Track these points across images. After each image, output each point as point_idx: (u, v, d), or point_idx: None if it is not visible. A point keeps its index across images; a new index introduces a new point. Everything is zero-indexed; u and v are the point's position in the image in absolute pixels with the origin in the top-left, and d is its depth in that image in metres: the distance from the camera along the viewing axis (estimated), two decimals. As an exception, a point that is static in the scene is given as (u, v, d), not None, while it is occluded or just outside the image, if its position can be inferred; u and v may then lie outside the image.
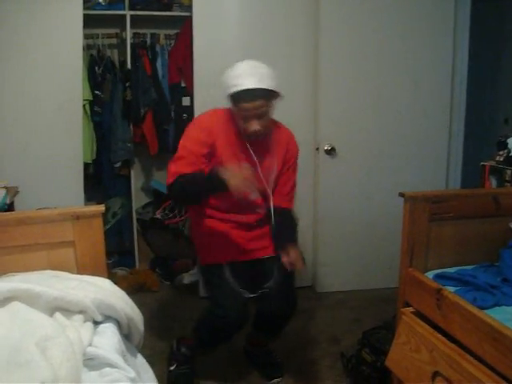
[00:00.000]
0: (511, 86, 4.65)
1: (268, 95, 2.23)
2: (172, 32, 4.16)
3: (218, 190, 2.21)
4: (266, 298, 2.49)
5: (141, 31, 4.07)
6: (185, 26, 3.88)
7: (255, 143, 2.43)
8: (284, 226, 2.53)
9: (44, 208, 2.51)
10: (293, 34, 3.64)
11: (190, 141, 2.39)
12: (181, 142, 2.43)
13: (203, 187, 2.30)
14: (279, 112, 3.19)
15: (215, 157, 2.38)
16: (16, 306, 1.46)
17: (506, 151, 3.07)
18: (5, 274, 1.78)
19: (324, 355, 3.00)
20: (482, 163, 3.20)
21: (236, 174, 2.11)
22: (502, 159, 3.08)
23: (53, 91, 3.38)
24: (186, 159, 2.35)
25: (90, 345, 1.47)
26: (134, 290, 3.63)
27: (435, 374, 1.84)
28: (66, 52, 3.38)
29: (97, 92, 3.86)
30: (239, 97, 2.21)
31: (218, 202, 2.49)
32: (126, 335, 1.77)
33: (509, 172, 2.97)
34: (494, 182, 3.09)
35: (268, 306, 2.57)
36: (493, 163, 3.15)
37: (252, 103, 2.20)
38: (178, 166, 2.35)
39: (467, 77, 3.92)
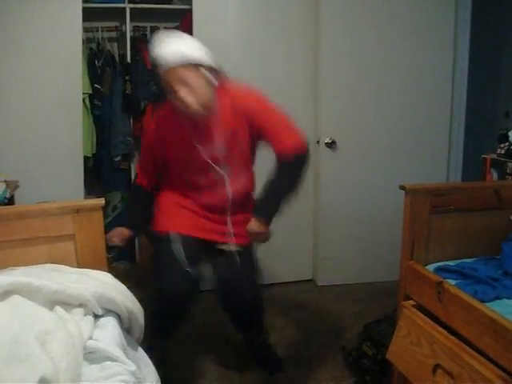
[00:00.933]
0: (512, 80, 4.64)
1: (189, 65, 2.15)
2: (172, 25, 4.14)
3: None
4: (224, 293, 2.47)
5: (140, 24, 4.06)
6: (185, 19, 3.86)
7: (198, 126, 2.32)
8: (266, 192, 2.38)
9: (44, 202, 2.51)
10: (293, 28, 3.64)
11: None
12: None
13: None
14: (279, 105, 3.20)
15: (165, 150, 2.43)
16: (16, 299, 1.46)
17: (507, 144, 3.07)
18: (5, 267, 1.78)
19: (325, 348, 3.00)
20: (483, 156, 3.20)
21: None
22: (503, 152, 3.08)
23: (52, 85, 3.37)
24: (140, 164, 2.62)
25: (91, 338, 1.47)
26: (134, 284, 3.61)
27: (436, 367, 1.84)
28: (65, 45, 3.38)
29: (96, 85, 3.85)
30: (163, 73, 2.17)
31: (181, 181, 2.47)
32: (127, 329, 1.77)
33: (510, 165, 2.97)
34: (495, 175, 3.09)
35: (227, 303, 2.54)
36: (494, 156, 3.14)
37: (174, 71, 2.14)
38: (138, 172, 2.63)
39: (468, 70, 3.91)
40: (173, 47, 2.14)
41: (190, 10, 3.55)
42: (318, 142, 3.69)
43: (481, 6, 4.02)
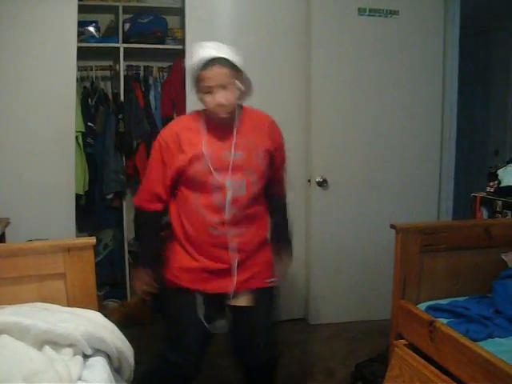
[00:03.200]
0: (501, 118, 4.71)
1: (230, 66, 2.13)
2: (165, 65, 4.20)
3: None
4: (238, 352, 2.36)
5: (134, 64, 4.10)
6: (178, 58, 3.91)
7: (219, 132, 2.24)
8: (277, 223, 2.37)
9: (35, 239, 2.50)
10: (285, 65, 3.68)
11: (151, 163, 2.31)
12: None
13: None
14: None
15: (184, 154, 2.19)
16: (4, 339, 1.44)
17: (496, 182, 3.09)
18: (-5, 306, 1.76)
19: (317, 389, 2.97)
20: (472, 194, 3.22)
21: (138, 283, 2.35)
22: (492, 190, 3.10)
23: (46, 122, 3.38)
24: (147, 187, 2.30)
25: (80, 379, 1.46)
26: (125, 323, 3.57)
27: (429, 408, 1.83)
28: (59, 84, 3.39)
29: (90, 124, 3.86)
30: (201, 70, 2.12)
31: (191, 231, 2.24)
32: (116, 369, 1.75)
33: (499, 203, 2.99)
34: (485, 213, 3.10)
35: (242, 361, 2.40)
36: (483, 194, 3.16)
37: (212, 70, 2.11)
38: (140, 195, 2.33)
39: (457, 110, 3.96)
40: (222, 50, 2.15)
41: (183, 50, 3.60)
42: (309, 180, 3.71)
43: (468, 46, 4.11)
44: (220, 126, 2.23)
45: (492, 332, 1.98)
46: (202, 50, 2.14)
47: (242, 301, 2.23)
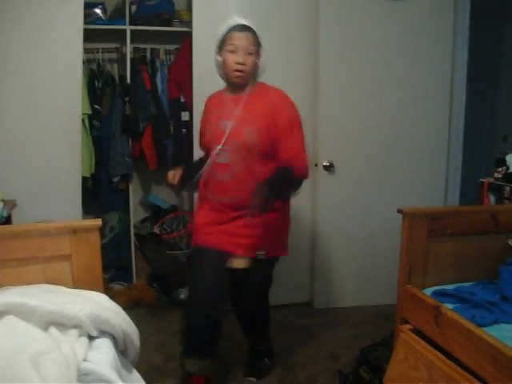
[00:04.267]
0: (510, 103, 4.68)
1: (256, 39, 2.45)
2: (172, 47, 4.18)
3: None
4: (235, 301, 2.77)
5: (141, 46, 4.09)
6: (185, 41, 3.89)
7: (237, 100, 2.50)
8: (274, 174, 2.43)
9: (41, 221, 2.50)
10: (292, 50, 3.66)
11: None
12: None
13: None
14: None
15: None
16: (10, 320, 1.45)
17: (504, 168, 3.07)
18: (1, 287, 1.77)
19: (322, 372, 2.97)
20: (480, 180, 3.20)
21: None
22: (500, 176, 3.08)
23: (52, 105, 3.38)
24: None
25: (85, 360, 1.46)
26: (130, 305, 3.61)
27: (433, 392, 1.83)
28: (66, 66, 3.39)
29: (96, 106, 3.86)
30: (229, 32, 2.42)
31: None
32: (122, 351, 1.76)
33: (507, 189, 2.97)
34: (492, 199, 3.09)
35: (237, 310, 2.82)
36: (491, 180, 3.14)
37: (241, 33, 2.40)
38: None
39: (466, 94, 3.93)
40: (253, 25, 2.46)
41: (190, 33, 3.58)
42: (316, 164, 3.70)
43: (478, 32, 4.07)
44: (229, 97, 2.53)
45: (498, 318, 1.98)
46: (235, 17, 2.45)
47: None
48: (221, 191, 2.51)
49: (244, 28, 2.42)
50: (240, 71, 2.42)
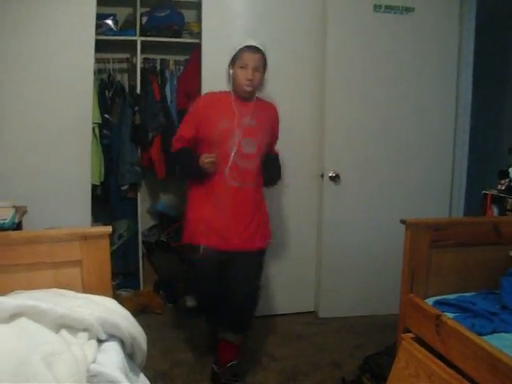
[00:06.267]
0: (515, 116, 4.70)
1: (263, 57, 2.83)
2: (181, 58, 4.24)
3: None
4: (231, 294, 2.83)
5: (151, 57, 4.15)
6: (194, 52, 3.95)
7: (243, 109, 2.86)
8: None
9: (51, 228, 2.55)
10: (299, 62, 3.71)
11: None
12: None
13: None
14: (285, 137, 3.26)
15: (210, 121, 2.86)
16: (23, 321, 1.49)
17: (507, 180, 3.11)
18: (11, 291, 1.81)
19: (325, 380, 3.00)
20: (483, 192, 3.24)
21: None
22: (503, 188, 3.12)
23: (63, 113, 3.42)
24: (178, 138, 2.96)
25: (94, 362, 1.50)
26: (137, 312, 3.64)
27: (433, 399, 1.86)
28: (77, 76, 3.43)
29: (106, 115, 3.90)
30: (242, 51, 2.80)
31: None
32: (130, 354, 1.79)
33: (510, 201, 3.01)
34: (495, 211, 3.12)
35: (232, 302, 2.84)
36: (494, 192, 3.18)
37: (252, 53, 2.78)
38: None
39: (471, 106, 3.97)
40: (262, 47, 2.84)
41: (199, 44, 3.64)
42: (322, 175, 3.74)
43: (483, 44, 4.10)
44: (237, 103, 2.88)
45: (497, 327, 2.01)
46: (249, 39, 2.85)
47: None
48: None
49: (256, 50, 2.79)
50: (249, 86, 2.79)
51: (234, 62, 2.83)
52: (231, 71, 2.85)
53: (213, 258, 2.78)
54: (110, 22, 3.91)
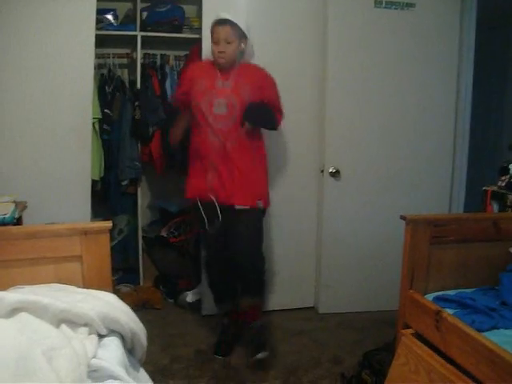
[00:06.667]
0: (515, 113, 4.71)
1: (235, 29, 2.96)
2: (181, 53, 4.24)
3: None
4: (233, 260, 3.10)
5: (151, 52, 4.16)
6: (194, 47, 3.94)
7: (224, 75, 3.04)
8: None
9: (51, 223, 2.55)
10: (300, 58, 3.71)
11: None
12: None
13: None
14: (285, 133, 3.26)
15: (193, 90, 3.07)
16: (24, 316, 1.49)
17: (507, 177, 3.10)
18: (12, 286, 1.81)
19: (325, 375, 3.00)
20: (483, 188, 3.24)
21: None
22: (503, 184, 3.11)
23: (63, 108, 3.41)
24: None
25: (94, 357, 1.50)
26: (137, 307, 3.64)
27: (433, 395, 1.87)
28: (77, 71, 3.42)
29: (106, 111, 3.89)
30: (213, 26, 2.99)
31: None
32: (130, 349, 1.79)
33: (510, 197, 3.00)
34: (495, 207, 3.12)
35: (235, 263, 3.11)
36: (494, 188, 3.18)
37: (221, 26, 2.94)
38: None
39: (472, 102, 3.97)
40: (233, 16, 2.98)
41: (200, 39, 3.63)
42: (322, 171, 3.74)
43: (484, 40, 4.10)
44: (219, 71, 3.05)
45: (497, 323, 2.01)
46: (219, 13, 2.99)
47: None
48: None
49: (223, 21, 2.95)
50: (222, 58, 2.97)
51: (211, 38, 3.02)
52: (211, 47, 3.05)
53: (211, 211, 3.03)
54: (110, 16, 3.91)
